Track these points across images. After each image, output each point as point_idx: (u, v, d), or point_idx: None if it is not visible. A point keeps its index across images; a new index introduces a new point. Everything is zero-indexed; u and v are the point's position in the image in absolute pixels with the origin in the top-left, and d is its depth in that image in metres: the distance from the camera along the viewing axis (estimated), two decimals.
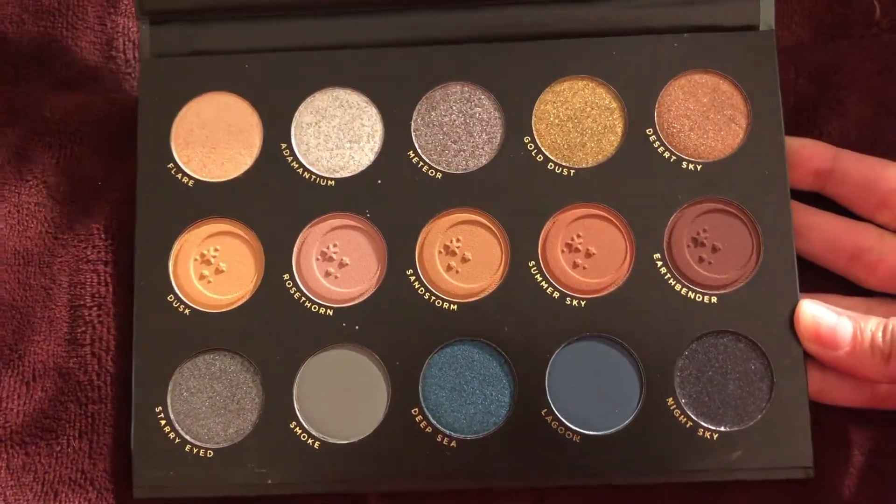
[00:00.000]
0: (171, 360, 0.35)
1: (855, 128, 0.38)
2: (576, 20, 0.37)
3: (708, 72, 0.37)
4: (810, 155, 0.36)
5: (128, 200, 0.37)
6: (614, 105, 0.37)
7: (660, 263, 0.35)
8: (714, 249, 0.35)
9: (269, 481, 0.34)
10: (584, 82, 0.37)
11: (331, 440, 0.35)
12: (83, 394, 0.36)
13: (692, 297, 0.35)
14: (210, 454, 0.35)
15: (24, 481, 0.35)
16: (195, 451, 0.35)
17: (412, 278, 0.36)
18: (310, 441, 0.35)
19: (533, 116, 0.37)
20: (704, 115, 0.36)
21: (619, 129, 0.36)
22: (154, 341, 0.35)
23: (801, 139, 0.37)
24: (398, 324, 0.35)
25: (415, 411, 0.35)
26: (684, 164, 0.36)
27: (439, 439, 0.35)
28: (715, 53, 0.36)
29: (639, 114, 0.36)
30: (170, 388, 0.35)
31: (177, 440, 0.35)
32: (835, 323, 0.33)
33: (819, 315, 0.34)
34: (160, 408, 0.35)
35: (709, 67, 0.36)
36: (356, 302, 0.36)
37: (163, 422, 0.35)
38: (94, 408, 0.36)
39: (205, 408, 0.35)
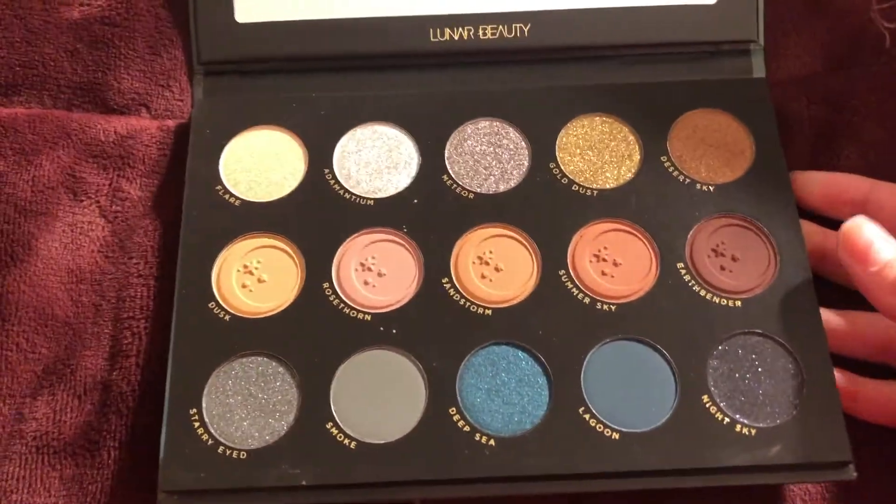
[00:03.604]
0: (208, 363, 0.36)
1: (872, 151, 0.40)
2: (587, 76, 0.42)
3: (714, 109, 0.41)
4: (846, 186, 0.38)
5: (177, 222, 0.39)
6: (631, 138, 0.40)
7: (683, 271, 0.37)
8: (734, 259, 0.37)
9: (304, 482, 0.33)
10: (602, 118, 0.41)
11: (367, 440, 0.34)
12: (125, 404, 0.36)
13: (717, 301, 0.36)
14: (243, 455, 0.34)
15: (72, 491, 0.35)
16: (228, 452, 0.34)
17: (447, 286, 0.37)
18: (346, 441, 0.34)
19: (556, 147, 0.40)
20: (713, 146, 0.40)
21: (637, 157, 0.40)
22: (192, 345, 0.36)
23: (838, 173, 0.39)
24: (435, 328, 0.36)
25: (452, 410, 0.35)
26: (698, 186, 0.39)
27: (477, 438, 0.34)
28: (716, 96, 0.41)
29: (653, 144, 0.40)
30: (206, 391, 0.35)
31: (210, 442, 0.34)
32: (872, 239, 0.33)
33: (866, 227, 0.34)
34: (195, 410, 0.35)
35: (713, 106, 0.41)
36: (394, 308, 0.37)
37: (196, 424, 0.35)
38: (138, 419, 0.36)
39: (240, 410, 0.35)
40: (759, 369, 0.35)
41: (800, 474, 0.34)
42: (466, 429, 0.34)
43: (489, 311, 0.36)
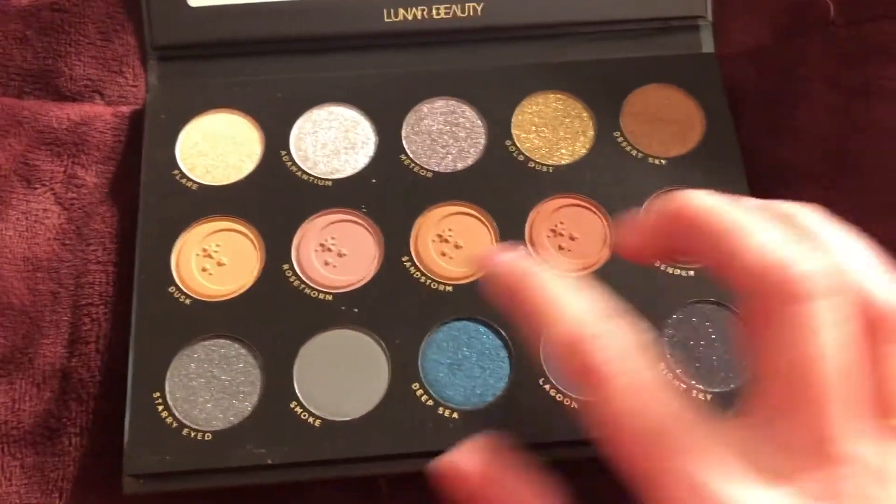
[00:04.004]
0: (170, 347, 0.36)
1: (826, 113, 0.41)
2: (540, 55, 0.42)
3: (664, 85, 0.41)
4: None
5: (134, 208, 0.38)
6: (585, 114, 0.41)
7: None
8: None
9: (269, 461, 0.34)
10: (556, 95, 0.41)
11: (332, 418, 0.35)
12: (85, 391, 0.36)
13: (670, 271, 0.37)
14: (208, 437, 0.34)
15: (34, 479, 0.35)
16: (192, 434, 0.34)
17: (408, 264, 0.37)
18: (310, 420, 0.34)
19: (512, 125, 0.40)
20: (664, 121, 0.41)
21: (591, 133, 0.40)
22: (154, 330, 0.36)
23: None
24: (396, 306, 0.36)
25: (415, 386, 0.35)
26: (650, 160, 0.40)
27: (440, 412, 0.35)
28: (667, 71, 0.42)
29: (606, 120, 0.41)
30: (168, 374, 0.35)
31: (174, 424, 0.34)
32: None
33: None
34: (158, 393, 0.35)
35: (664, 82, 0.41)
36: (355, 287, 0.37)
37: (160, 407, 0.35)
38: (99, 405, 0.36)
39: (204, 392, 0.35)
40: (713, 336, 0.36)
41: None
42: (430, 403, 0.35)
43: (450, 288, 0.37)
